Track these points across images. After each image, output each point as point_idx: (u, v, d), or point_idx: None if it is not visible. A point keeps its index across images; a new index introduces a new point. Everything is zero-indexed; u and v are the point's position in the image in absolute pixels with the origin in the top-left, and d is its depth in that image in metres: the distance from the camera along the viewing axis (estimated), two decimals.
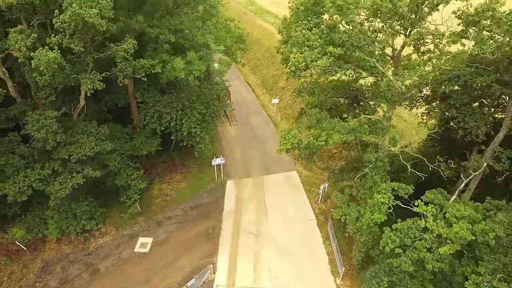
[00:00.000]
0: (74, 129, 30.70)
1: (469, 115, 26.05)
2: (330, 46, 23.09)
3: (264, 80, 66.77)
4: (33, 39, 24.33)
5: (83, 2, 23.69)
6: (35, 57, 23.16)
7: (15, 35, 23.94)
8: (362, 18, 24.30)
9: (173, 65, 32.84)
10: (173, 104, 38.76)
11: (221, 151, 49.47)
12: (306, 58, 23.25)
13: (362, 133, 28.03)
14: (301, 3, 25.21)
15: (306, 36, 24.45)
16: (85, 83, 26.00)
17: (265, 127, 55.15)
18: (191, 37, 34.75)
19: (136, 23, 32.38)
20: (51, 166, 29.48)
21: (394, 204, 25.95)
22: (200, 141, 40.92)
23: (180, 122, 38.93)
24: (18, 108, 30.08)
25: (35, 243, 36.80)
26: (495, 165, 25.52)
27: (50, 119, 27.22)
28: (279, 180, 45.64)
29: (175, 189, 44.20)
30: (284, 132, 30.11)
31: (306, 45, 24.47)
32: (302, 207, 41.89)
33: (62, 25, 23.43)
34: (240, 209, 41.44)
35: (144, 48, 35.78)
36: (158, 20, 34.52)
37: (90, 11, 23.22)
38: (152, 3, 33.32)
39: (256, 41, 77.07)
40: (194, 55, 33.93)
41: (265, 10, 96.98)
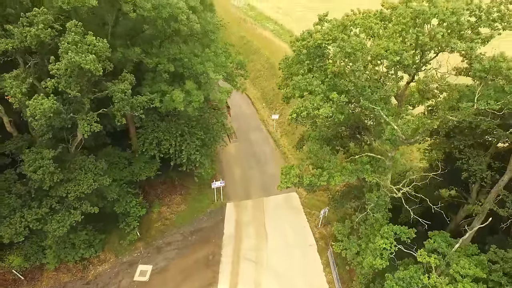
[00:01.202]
0: (71, 164, 30.16)
1: (473, 158, 25.63)
2: (333, 93, 22.60)
3: (264, 93, 66.22)
4: (28, 84, 23.80)
5: (79, 48, 23.11)
6: (30, 106, 22.66)
7: (10, 81, 23.40)
8: (367, 60, 23.81)
9: (172, 97, 32.32)
10: (172, 130, 38.30)
11: (221, 171, 49.11)
12: (307, 107, 22.76)
13: (364, 173, 27.68)
14: (303, 46, 24.62)
15: (307, 80, 23.97)
16: (82, 126, 25.49)
17: (265, 144, 54.69)
18: (190, 65, 34.17)
19: (134, 54, 31.84)
20: (48, 204, 29.08)
21: (396, 249, 25.64)
22: (200, 166, 40.50)
23: (180, 149, 38.50)
24: (14, 144, 29.58)
25: (32, 272, 36.40)
26: (499, 210, 25.12)
27: (47, 159, 26.74)
28: (279, 203, 45.29)
29: (174, 212, 43.83)
30: (285, 169, 29.73)
31: (308, 90, 24.01)
32: (302, 232, 41.60)
33: (58, 72, 22.86)
34: (240, 234, 41.11)
35: (142, 76, 35.29)
36: (156, 49, 33.95)
37: (86, 58, 22.67)
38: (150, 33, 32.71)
39: (256, 51, 76.45)
40: (193, 85, 33.38)
41: (265, 16, 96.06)
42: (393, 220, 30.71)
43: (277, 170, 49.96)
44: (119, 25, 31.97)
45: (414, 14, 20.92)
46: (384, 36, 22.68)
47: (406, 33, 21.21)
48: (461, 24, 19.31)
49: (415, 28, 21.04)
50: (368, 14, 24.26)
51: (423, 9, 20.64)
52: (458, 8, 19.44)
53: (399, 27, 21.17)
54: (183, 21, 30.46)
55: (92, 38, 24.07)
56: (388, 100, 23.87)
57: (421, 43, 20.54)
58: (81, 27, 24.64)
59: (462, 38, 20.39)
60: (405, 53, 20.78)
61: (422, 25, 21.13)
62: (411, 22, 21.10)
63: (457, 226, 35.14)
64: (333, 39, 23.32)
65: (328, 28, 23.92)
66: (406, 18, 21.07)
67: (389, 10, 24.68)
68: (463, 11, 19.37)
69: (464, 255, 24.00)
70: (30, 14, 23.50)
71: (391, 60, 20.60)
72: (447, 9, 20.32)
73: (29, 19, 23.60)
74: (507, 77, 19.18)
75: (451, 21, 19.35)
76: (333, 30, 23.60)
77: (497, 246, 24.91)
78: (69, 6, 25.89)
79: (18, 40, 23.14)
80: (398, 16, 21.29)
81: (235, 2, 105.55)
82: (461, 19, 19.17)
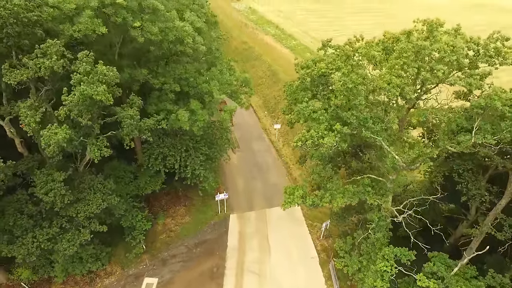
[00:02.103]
0: (80, 183, 30.98)
1: (472, 182, 26.40)
2: (337, 124, 23.36)
3: (266, 101, 66.91)
4: (42, 112, 24.54)
5: (90, 78, 23.84)
6: (44, 136, 23.44)
7: (25, 110, 24.16)
8: (369, 90, 24.56)
9: (177, 116, 33.06)
10: (177, 146, 39.07)
11: (224, 181, 49.89)
12: (312, 135, 23.52)
13: (365, 195, 28.48)
14: (307, 74, 25.34)
15: (311, 108, 24.71)
16: (93, 151, 26.27)
17: (267, 154, 55.46)
18: (195, 84, 34.88)
19: (141, 75, 32.58)
20: (58, 223, 29.92)
21: (396, 271, 26.49)
22: (204, 179, 41.29)
23: (184, 164, 39.29)
24: (25, 164, 30.31)
25: (40, 285, 37.25)
26: (497, 234, 25.93)
27: (58, 182, 27.53)
28: (282, 214, 45.92)
29: (179, 223, 44.65)
30: (289, 190, 30.52)
31: (313, 118, 24.76)
32: (304, 244, 42.45)
33: (70, 103, 23.63)
34: (244, 247, 41.95)
35: (148, 93, 36.06)
36: (162, 68, 34.67)
37: (98, 89, 23.41)
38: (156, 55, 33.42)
39: (257, 57, 77.03)
40: (198, 104, 34.10)
41: (266, 20, 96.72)
42: (393, 231, 31.52)
43: (279, 180, 51.16)
44: (126, 46, 32.63)
45: (416, 49, 21.64)
46: (386, 66, 23.43)
47: (408, 67, 21.93)
48: (461, 63, 20.02)
49: (416, 62, 21.79)
50: (371, 44, 24.96)
51: (425, 44, 21.36)
52: (458, 47, 20.13)
53: (401, 60, 21.88)
54: (189, 44, 31.15)
55: (103, 68, 24.78)
56: (389, 128, 24.66)
57: (422, 78, 21.25)
58: (92, 56, 25.38)
59: (462, 73, 21.11)
60: (407, 87, 21.52)
61: (423, 59, 21.84)
62: (412, 56, 21.81)
63: (456, 241, 36.03)
64: (336, 68, 24.03)
65: (331, 57, 24.60)
66: (408, 53, 21.79)
67: (391, 39, 25.43)
68: (462, 50, 20.07)
69: (462, 278, 24.83)
70: (44, 46, 24.24)
71: (394, 94, 21.33)
72: (448, 46, 21.06)
73: (43, 50, 24.33)
74: (502, 114, 19.93)
75: (452, 60, 20.07)
76: (336, 59, 24.29)
77: (495, 267, 25.77)
78: (80, 35, 26.67)
79: (32, 71, 23.88)
80: (400, 51, 21.98)
81: (236, 6, 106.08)
82: (461, 58, 19.86)
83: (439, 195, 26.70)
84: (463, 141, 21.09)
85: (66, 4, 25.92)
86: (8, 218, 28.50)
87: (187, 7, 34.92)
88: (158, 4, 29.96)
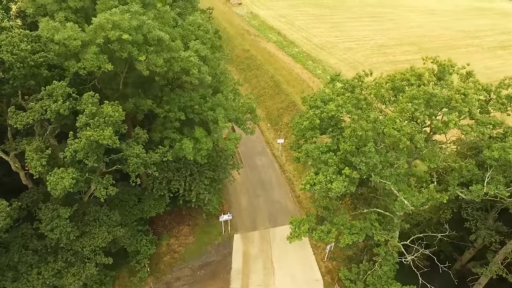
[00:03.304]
0: (85, 215, 30.80)
1: (481, 221, 26.23)
2: (346, 168, 23.14)
3: (269, 113, 66.56)
4: (47, 155, 24.25)
5: (96, 121, 23.56)
6: (50, 181, 23.19)
7: (31, 153, 23.87)
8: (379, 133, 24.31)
9: (181, 146, 32.80)
10: (181, 170, 38.85)
11: (228, 199, 49.76)
12: (321, 180, 23.30)
13: (372, 230, 28.35)
14: (316, 115, 25.05)
15: (321, 149, 24.46)
16: (98, 190, 26.06)
17: (270, 170, 55.26)
18: (200, 111, 34.59)
19: (146, 105, 32.30)
20: (64, 257, 29.74)
21: None
22: (208, 202, 41.14)
23: (189, 188, 39.11)
24: (30, 197, 30.12)
25: None
26: (509, 276, 25.78)
27: (63, 219, 27.32)
28: (285, 234, 45.07)
29: (183, 244, 44.53)
30: (295, 222, 30.40)
31: (321, 160, 24.52)
32: (309, 265, 42.39)
33: (76, 149, 23.39)
34: (248, 269, 41.88)
35: (152, 120, 35.79)
36: (167, 95, 34.38)
37: (104, 133, 23.14)
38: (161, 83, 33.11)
39: (259, 66, 76.60)
40: (202, 132, 33.82)
41: (268, 25, 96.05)
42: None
43: (283, 198, 51.00)
44: (131, 75, 32.28)
45: (427, 96, 21.37)
46: (396, 109, 23.18)
47: (419, 114, 21.67)
48: (474, 114, 19.79)
49: (427, 109, 21.54)
50: (380, 84, 24.64)
51: (435, 93, 21.09)
52: (470, 97, 19.87)
53: (412, 107, 21.63)
54: (195, 75, 30.80)
55: (109, 109, 24.48)
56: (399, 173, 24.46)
57: (434, 126, 21.02)
58: (97, 97, 25.10)
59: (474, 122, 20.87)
60: (417, 135, 21.28)
61: (434, 106, 21.60)
62: (423, 104, 21.55)
63: (462, 267, 36.01)
64: (347, 111, 23.78)
65: (342, 100, 24.30)
66: (419, 100, 21.52)
67: (400, 78, 25.13)
68: (474, 100, 19.81)
69: None
70: (50, 88, 23.92)
71: (404, 143, 21.09)
72: (459, 94, 20.79)
73: (49, 91, 24.02)
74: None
75: (464, 111, 19.83)
76: (346, 102, 24.02)
77: None
78: (85, 72, 26.37)
79: (38, 114, 23.59)
80: (411, 98, 21.71)
81: (238, 10, 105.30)
82: (474, 110, 19.62)
83: (447, 232, 26.55)
84: (475, 191, 20.90)
85: (71, 41, 25.51)
86: (13, 254, 28.30)
87: (192, 33, 34.47)
88: (163, 35, 29.53)
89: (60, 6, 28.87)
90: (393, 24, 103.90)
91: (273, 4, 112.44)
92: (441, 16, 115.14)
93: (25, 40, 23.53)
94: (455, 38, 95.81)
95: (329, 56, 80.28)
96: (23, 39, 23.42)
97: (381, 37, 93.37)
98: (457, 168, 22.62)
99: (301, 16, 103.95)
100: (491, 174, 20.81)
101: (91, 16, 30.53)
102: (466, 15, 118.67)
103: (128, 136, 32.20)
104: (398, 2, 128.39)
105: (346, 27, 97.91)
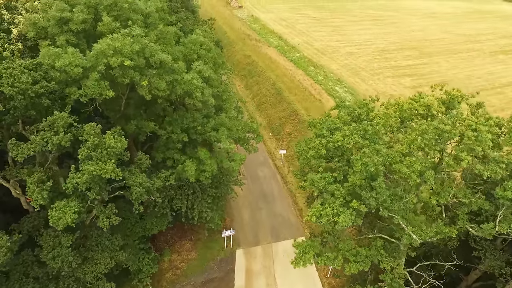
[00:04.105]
0: (86, 239, 30.36)
1: (490, 251, 25.87)
2: (354, 201, 22.72)
3: (270, 121, 66.06)
4: (49, 187, 23.75)
5: (99, 153, 23.07)
6: (52, 217, 22.73)
7: (32, 186, 23.38)
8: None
9: (184, 168, 32.36)
10: (184, 188, 38.41)
11: (230, 213, 49.35)
12: (328, 213, 22.90)
13: (378, 257, 28.00)
14: (322, 145, 24.59)
15: (327, 179, 24.03)
16: (101, 220, 25.62)
17: (272, 182, 54.85)
18: (203, 131, 34.10)
19: (148, 127, 31.84)
20: (66, 284, 29.32)
21: None
22: (211, 220, 40.75)
23: (191, 206, 38.70)
24: (31, 222, 29.66)
25: None
26: None
27: (65, 248, 26.88)
28: (288, 249, 45.44)
29: (185, 260, 44.14)
30: (300, 248, 29.98)
31: (327, 190, 24.11)
32: (312, 282, 42.12)
33: (79, 182, 22.92)
34: (251, 286, 41.55)
35: (154, 139, 35.30)
36: (170, 116, 33.89)
37: (107, 167, 22.66)
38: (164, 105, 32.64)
39: (261, 73, 76.01)
40: (207, 153, 33.34)
41: (269, 29, 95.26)
42: None
43: (285, 211, 50.64)
44: (133, 97, 31.80)
45: (437, 132, 20.93)
46: (405, 140, 22.74)
47: (429, 149, 21.24)
48: (487, 154, 19.37)
49: (437, 145, 21.11)
50: (388, 114, 24.16)
51: (447, 129, 20.65)
52: (483, 136, 19.43)
53: (422, 142, 21.20)
54: (198, 97, 30.30)
55: (111, 140, 23.96)
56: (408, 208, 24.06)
57: (445, 164, 20.59)
58: (100, 128, 24.59)
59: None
60: (428, 172, 20.85)
61: (444, 142, 21.17)
62: (434, 139, 21.12)
63: (468, 287, 35.73)
64: (354, 142, 23.33)
65: (349, 130, 23.85)
66: (430, 135, 21.08)
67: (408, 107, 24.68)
68: (488, 140, 19.36)
69: None
70: (51, 119, 23.40)
71: (414, 180, 20.68)
72: (471, 130, 20.34)
73: (50, 122, 23.51)
74: None
75: (477, 151, 19.41)
76: (353, 133, 23.57)
77: None
78: (87, 99, 25.87)
79: (39, 146, 23.09)
80: (421, 132, 21.28)
81: (239, 13, 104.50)
82: (487, 150, 19.20)
83: (455, 262, 26.23)
84: (486, 229, 20.54)
85: (73, 68, 24.97)
86: (13, 283, 27.84)
87: (194, 52, 33.93)
88: (165, 57, 29.02)
89: (61, 29, 28.33)
90: (394, 27, 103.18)
91: (273, 7, 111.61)
92: (441, 19, 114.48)
93: (25, 72, 22.97)
94: (456, 42, 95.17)
95: (330, 61, 79.61)
96: (23, 71, 22.88)
97: (382, 41, 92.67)
98: (467, 203, 22.24)
99: (302, 19, 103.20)
100: (503, 213, 20.46)
101: (93, 36, 30.12)
102: (466, 18, 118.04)
103: (131, 159, 31.72)
104: (399, 4, 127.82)
105: (347, 30, 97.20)
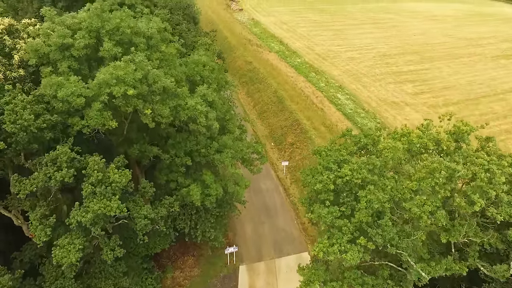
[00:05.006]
0: (90, 266, 30.04)
1: (501, 284, 25.54)
2: (362, 238, 22.42)
3: (272, 131, 65.62)
4: (52, 222, 23.38)
5: (103, 190, 22.70)
6: (55, 255, 22.39)
7: (35, 222, 23.00)
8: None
9: (189, 191, 32.01)
10: (187, 208, 38.09)
11: (232, 228, 49.06)
12: (335, 251, 22.58)
13: (384, 287, 27.69)
14: (330, 180, 24.20)
15: (334, 214, 23.70)
16: (105, 253, 25.29)
17: (275, 194, 54.54)
18: (207, 153, 33.69)
19: (151, 152, 31.45)
20: None
21: None
22: (214, 238, 40.49)
23: (195, 226, 38.41)
24: (33, 249, 29.33)
25: None
26: None
27: (68, 279, 26.56)
28: (291, 264, 45.32)
29: (188, 277, 43.86)
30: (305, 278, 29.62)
31: (335, 225, 23.79)
32: None
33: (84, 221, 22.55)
34: None
35: (157, 160, 34.92)
36: (173, 138, 33.47)
37: (112, 204, 22.31)
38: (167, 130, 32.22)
39: (262, 80, 75.45)
40: (211, 176, 32.96)
41: (270, 33, 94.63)
42: None
43: (288, 225, 50.40)
44: (135, 121, 31.36)
45: (448, 172, 20.58)
46: (414, 177, 22.40)
47: (440, 188, 20.88)
48: (501, 198, 19.04)
49: (448, 184, 20.76)
50: (396, 147, 23.77)
51: (458, 169, 20.29)
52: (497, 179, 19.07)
53: (433, 181, 20.84)
54: (202, 123, 29.90)
55: (115, 175, 23.57)
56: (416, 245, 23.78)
57: (456, 205, 20.26)
58: (104, 162, 24.20)
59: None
60: (439, 212, 20.52)
61: (455, 181, 20.82)
62: (445, 178, 20.77)
63: None
64: (362, 179, 22.97)
65: (357, 164, 23.48)
66: (441, 173, 20.71)
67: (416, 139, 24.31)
68: (502, 184, 19.02)
69: None
70: (54, 153, 23.01)
71: (425, 221, 20.35)
72: (484, 172, 19.99)
73: (52, 157, 23.11)
74: None
75: (491, 193, 19.08)
76: (361, 167, 23.20)
77: None
78: (89, 130, 25.47)
79: (42, 182, 22.71)
80: (431, 170, 20.92)
81: (239, 17, 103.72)
82: (501, 194, 18.87)
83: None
84: (499, 271, 20.28)
85: (75, 99, 24.54)
86: None
87: (197, 73, 33.47)
88: (168, 83, 28.56)
89: (63, 55, 27.84)
90: (396, 31, 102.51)
91: (274, 10, 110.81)
92: (442, 22, 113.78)
93: (28, 107, 22.54)
94: (458, 46, 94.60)
95: (331, 67, 79.13)
96: (26, 106, 22.44)
97: (383, 46, 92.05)
98: (478, 242, 21.96)
99: (303, 23, 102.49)
100: None
101: (95, 59, 29.68)
102: (468, 20, 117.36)
103: (134, 183, 31.35)
104: (399, 7, 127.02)
105: (348, 34, 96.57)
